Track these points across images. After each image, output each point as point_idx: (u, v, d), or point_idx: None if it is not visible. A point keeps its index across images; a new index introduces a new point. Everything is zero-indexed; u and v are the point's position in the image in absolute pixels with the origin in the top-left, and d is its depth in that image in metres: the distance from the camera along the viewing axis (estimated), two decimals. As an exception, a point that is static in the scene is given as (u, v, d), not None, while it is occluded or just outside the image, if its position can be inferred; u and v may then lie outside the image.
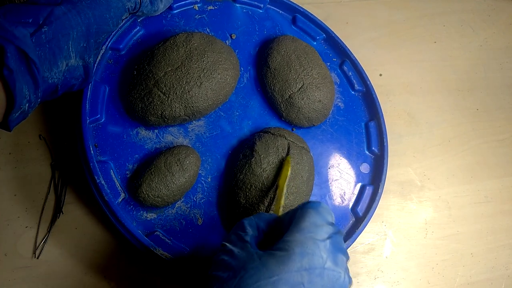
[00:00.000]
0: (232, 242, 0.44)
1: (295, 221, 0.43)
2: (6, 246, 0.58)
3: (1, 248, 0.57)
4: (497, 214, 0.78)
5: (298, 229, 0.42)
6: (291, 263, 0.39)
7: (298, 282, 0.38)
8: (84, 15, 0.51)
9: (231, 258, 0.42)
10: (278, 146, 0.62)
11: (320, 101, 0.68)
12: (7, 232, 0.58)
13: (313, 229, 0.41)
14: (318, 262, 0.40)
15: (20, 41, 0.44)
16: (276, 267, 0.39)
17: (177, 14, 0.71)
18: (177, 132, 0.64)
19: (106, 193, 0.57)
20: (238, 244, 0.43)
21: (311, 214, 0.43)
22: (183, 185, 0.59)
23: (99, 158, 0.59)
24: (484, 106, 0.86)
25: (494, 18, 0.96)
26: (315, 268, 0.39)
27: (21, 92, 0.45)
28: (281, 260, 0.39)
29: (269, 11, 0.77)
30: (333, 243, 0.42)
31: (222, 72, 0.63)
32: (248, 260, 0.41)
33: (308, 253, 0.40)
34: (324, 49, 0.78)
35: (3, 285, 0.56)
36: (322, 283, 0.39)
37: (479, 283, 0.72)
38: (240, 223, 0.46)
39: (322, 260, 0.40)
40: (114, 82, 0.64)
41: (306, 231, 0.41)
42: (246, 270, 0.40)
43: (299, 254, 0.39)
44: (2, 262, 0.57)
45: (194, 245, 0.59)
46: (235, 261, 0.41)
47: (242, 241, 0.43)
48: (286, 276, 0.38)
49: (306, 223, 0.42)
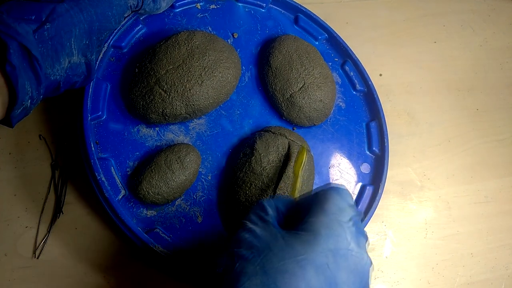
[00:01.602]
0: (252, 221, 0.44)
1: (319, 203, 0.43)
2: (6, 246, 0.57)
3: (1, 248, 0.57)
4: (497, 214, 0.78)
5: (323, 211, 0.42)
6: (317, 243, 0.39)
7: (323, 263, 0.39)
8: (87, 13, 0.51)
9: (254, 237, 0.42)
10: (278, 145, 0.62)
11: (321, 101, 0.68)
12: (7, 232, 0.58)
13: (338, 211, 0.42)
14: (343, 244, 0.40)
15: (22, 37, 0.44)
16: (302, 247, 0.39)
17: (179, 13, 0.71)
18: (178, 130, 0.64)
19: (106, 189, 0.57)
20: (260, 223, 0.43)
21: (335, 197, 0.43)
22: (183, 183, 0.59)
23: (100, 155, 0.60)
24: (484, 106, 0.86)
25: (494, 18, 0.96)
26: (340, 249, 0.40)
27: (24, 88, 0.45)
28: (307, 240, 0.40)
29: (271, 11, 0.77)
30: (355, 225, 0.42)
31: (223, 71, 0.63)
32: (272, 239, 0.41)
33: (333, 235, 0.40)
34: (326, 49, 0.78)
35: (3, 285, 0.56)
36: (346, 265, 0.39)
37: (479, 283, 0.72)
38: (259, 204, 0.46)
39: (347, 241, 0.40)
40: (116, 80, 0.64)
41: (330, 213, 0.42)
42: (271, 249, 0.40)
43: (325, 235, 0.40)
44: (2, 262, 0.56)
45: (193, 242, 0.59)
46: (258, 240, 0.42)
47: (263, 221, 0.44)
48: (312, 256, 0.39)
49: (330, 205, 0.42)
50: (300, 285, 0.37)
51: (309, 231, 0.40)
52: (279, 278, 0.38)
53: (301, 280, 0.37)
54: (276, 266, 0.38)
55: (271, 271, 0.38)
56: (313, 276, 0.38)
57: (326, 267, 0.38)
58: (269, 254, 0.40)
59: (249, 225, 0.44)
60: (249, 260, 0.40)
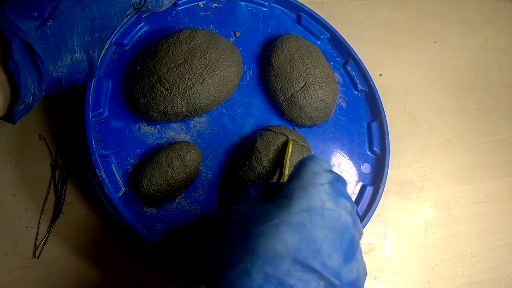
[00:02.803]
0: (237, 204, 0.46)
1: (295, 173, 0.44)
2: (6, 246, 0.57)
3: (1, 248, 0.57)
4: (497, 214, 0.78)
5: (297, 178, 0.43)
6: (291, 206, 0.40)
7: (299, 223, 0.39)
8: (89, 10, 0.51)
9: (237, 214, 0.44)
10: (279, 144, 0.62)
11: (322, 100, 0.68)
12: (7, 232, 0.58)
13: (312, 175, 0.43)
14: (317, 203, 0.41)
15: (25, 34, 0.44)
16: (277, 211, 0.40)
17: (181, 11, 0.70)
18: (179, 128, 0.64)
19: (107, 186, 0.57)
20: (243, 203, 0.45)
21: (309, 164, 0.44)
22: (184, 181, 0.59)
23: (101, 152, 0.59)
24: (484, 106, 0.87)
25: (494, 18, 0.96)
26: (314, 208, 0.40)
27: (26, 85, 0.45)
28: (282, 205, 0.41)
29: (273, 10, 0.77)
30: (333, 187, 0.42)
31: (224, 70, 0.63)
32: (252, 211, 0.43)
33: (307, 196, 0.41)
34: (328, 49, 0.78)
35: (3, 285, 0.55)
36: (322, 223, 0.40)
37: (479, 283, 0.72)
38: (246, 189, 0.48)
39: (321, 200, 0.41)
40: (118, 77, 0.64)
41: (305, 178, 0.42)
42: (250, 218, 0.42)
43: (298, 197, 0.41)
44: (2, 262, 0.56)
45: (193, 240, 0.59)
46: (240, 216, 0.44)
47: (247, 200, 0.46)
48: (286, 218, 0.40)
49: (305, 172, 0.43)
50: (276, 244, 0.38)
51: (284, 197, 0.41)
52: (256, 242, 0.39)
53: (277, 240, 0.38)
54: (253, 232, 0.40)
55: (248, 237, 0.40)
56: (289, 236, 0.39)
57: (302, 226, 0.39)
58: (248, 223, 0.41)
59: (235, 207, 0.46)
60: (231, 232, 0.43)
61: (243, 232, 0.41)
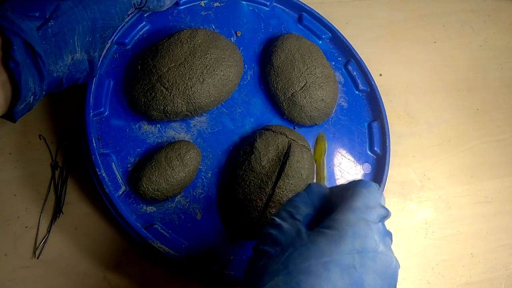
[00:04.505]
0: (282, 217, 0.42)
1: (346, 200, 0.41)
2: (6, 246, 0.57)
3: (1, 248, 0.57)
4: (497, 214, 0.78)
5: (350, 209, 0.40)
6: (343, 244, 0.37)
7: (350, 265, 0.37)
8: (90, 10, 0.51)
9: (279, 233, 0.40)
10: (278, 144, 0.62)
11: (322, 100, 0.68)
12: (7, 232, 0.58)
13: (366, 210, 0.40)
14: (371, 245, 0.38)
15: (26, 34, 0.45)
16: (327, 247, 0.37)
17: (183, 10, 0.70)
18: (179, 127, 0.64)
19: (107, 185, 0.57)
20: (288, 220, 0.42)
21: (364, 194, 0.41)
22: (183, 180, 0.59)
23: (101, 150, 0.60)
24: (484, 106, 0.87)
25: (494, 18, 0.96)
26: (368, 251, 0.38)
27: (27, 84, 0.45)
28: (333, 240, 0.38)
29: (275, 9, 0.76)
30: (384, 226, 0.41)
31: (225, 69, 0.63)
32: (297, 237, 0.39)
33: (361, 235, 0.38)
34: (329, 48, 0.77)
35: (3, 285, 0.55)
36: (374, 268, 0.38)
37: (479, 283, 0.73)
38: (292, 200, 0.44)
39: (375, 243, 0.38)
40: (119, 76, 0.64)
41: (358, 212, 0.39)
42: (295, 247, 0.38)
43: (352, 235, 0.38)
44: (2, 262, 0.56)
45: (192, 239, 0.60)
46: (283, 236, 0.40)
47: (293, 217, 0.42)
48: (337, 257, 0.37)
49: (358, 203, 0.40)
50: (324, 286, 0.36)
51: (334, 229, 0.38)
52: (303, 279, 0.36)
53: (326, 282, 0.36)
54: (300, 267, 0.37)
55: (294, 271, 0.37)
56: (339, 278, 0.36)
57: (353, 269, 0.37)
58: (294, 253, 0.38)
59: (277, 220, 0.42)
60: (273, 258, 0.39)
61: (287, 263, 0.37)
